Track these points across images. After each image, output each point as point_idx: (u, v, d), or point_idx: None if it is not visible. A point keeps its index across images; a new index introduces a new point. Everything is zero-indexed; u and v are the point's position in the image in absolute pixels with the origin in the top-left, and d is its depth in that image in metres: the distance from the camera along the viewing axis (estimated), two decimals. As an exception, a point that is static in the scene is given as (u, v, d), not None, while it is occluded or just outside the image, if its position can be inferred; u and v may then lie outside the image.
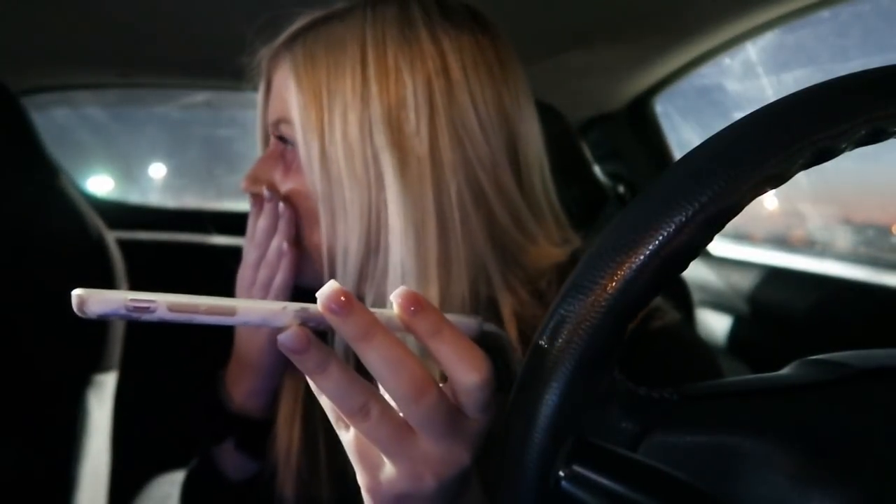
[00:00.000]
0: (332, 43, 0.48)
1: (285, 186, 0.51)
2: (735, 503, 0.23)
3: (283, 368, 0.56)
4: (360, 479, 0.32)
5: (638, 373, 0.32)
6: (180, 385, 1.09)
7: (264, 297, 0.52)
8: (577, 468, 0.24)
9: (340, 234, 0.48)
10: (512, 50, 0.52)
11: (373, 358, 0.28)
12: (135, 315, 0.24)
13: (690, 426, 0.26)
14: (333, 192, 0.47)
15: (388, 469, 0.31)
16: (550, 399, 0.25)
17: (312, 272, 0.52)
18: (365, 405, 0.29)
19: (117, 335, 0.82)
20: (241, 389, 0.56)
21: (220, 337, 0.53)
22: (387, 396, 0.31)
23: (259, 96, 0.54)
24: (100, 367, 0.78)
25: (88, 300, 0.24)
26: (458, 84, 0.47)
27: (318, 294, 0.28)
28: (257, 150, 0.57)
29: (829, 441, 0.23)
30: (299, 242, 0.52)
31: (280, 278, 0.51)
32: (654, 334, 0.49)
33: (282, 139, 0.51)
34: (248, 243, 0.53)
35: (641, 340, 0.47)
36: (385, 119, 0.46)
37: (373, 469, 0.32)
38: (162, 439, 1.03)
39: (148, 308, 0.25)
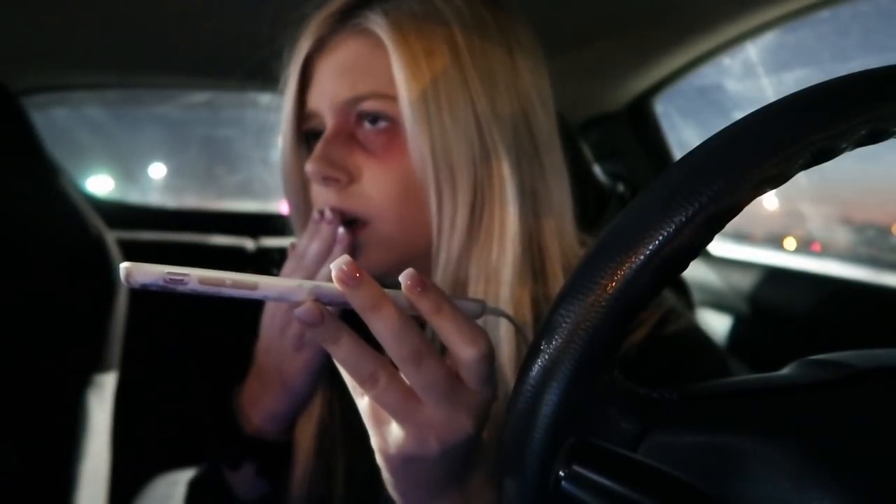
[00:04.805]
0: (415, 14, 0.47)
1: (373, 169, 0.48)
2: (735, 503, 0.23)
3: (312, 394, 0.54)
4: (374, 441, 0.36)
5: (654, 377, 0.32)
6: (182, 386, 1.09)
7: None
8: (577, 468, 0.24)
9: (448, 206, 0.47)
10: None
11: (379, 327, 0.31)
12: (170, 286, 0.28)
13: (690, 426, 0.26)
14: (442, 160, 0.47)
15: (397, 432, 0.34)
16: (550, 399, 0.26)
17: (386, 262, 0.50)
18: (374, 373, 0.32)
19: (117, 335, 0.82)
20: (262, 411, 0.53)
21: (219, 339, 0.52)
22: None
23: (293, 78, 0.51)
24: (100, 367, 0.78)
25: (134, 272, 0.27)
26: (519, 65, 0.50)
27: (332, 265, 0.30)
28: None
29: (829, 441, 0.23)
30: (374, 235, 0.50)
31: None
32: (670, 338, 0.48)
33: (370, 116, 0.48)
34: (292, 263, 0.51)
35: (657, 344, 0.47)
36: (484, 90, 0.47)
37: (384, 432, 0.35)
38: (164, 443, 1.03)
39: (182, 280, 0.28)
